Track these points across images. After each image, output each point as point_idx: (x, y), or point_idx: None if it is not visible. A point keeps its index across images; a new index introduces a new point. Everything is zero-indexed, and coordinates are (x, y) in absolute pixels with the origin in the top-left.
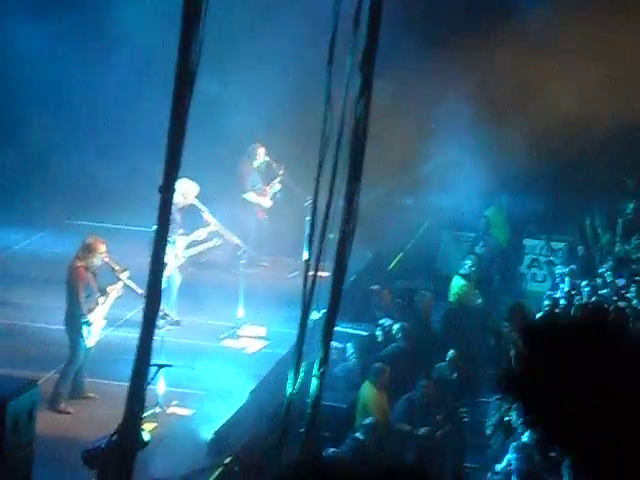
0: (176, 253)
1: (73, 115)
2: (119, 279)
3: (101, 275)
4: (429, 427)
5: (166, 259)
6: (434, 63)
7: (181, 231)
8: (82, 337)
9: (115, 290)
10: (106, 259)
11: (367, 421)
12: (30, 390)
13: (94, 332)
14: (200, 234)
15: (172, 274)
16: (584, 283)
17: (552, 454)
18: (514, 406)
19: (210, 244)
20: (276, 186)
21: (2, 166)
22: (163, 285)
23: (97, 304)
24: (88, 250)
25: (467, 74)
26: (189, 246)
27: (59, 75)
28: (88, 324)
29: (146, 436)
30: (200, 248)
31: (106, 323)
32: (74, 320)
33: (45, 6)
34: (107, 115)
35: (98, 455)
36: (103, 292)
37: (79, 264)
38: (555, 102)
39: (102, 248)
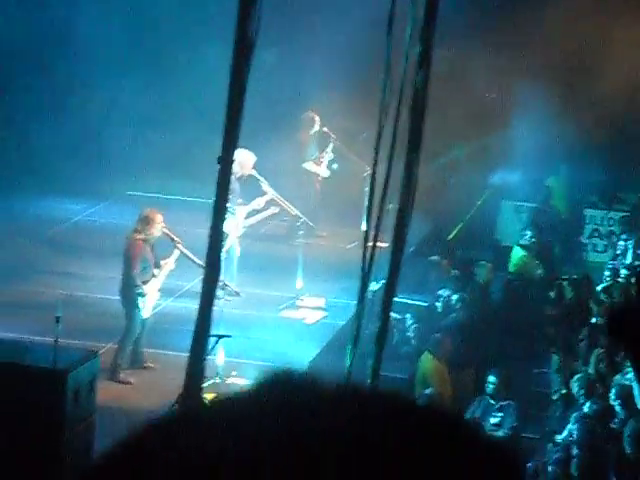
0: (237, 223)
1: (131, 86)
2: (178, 249)
3: (159, 248)
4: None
5: (227, 229)
6: (495, 31)
7: (240, 201)
8: (138, 308)
9: (169, 263)
10: (165, 230)
11: (427, 391)
12: (90, 361)
13: (149, 304)
14: (259, 202)
15: (232, 245)
16: None
17: (613, 425)
18: (576, 377)
19: (269, 212)
20: (329, 154)
21: (60, 137)
22: (223, 256)
23: (153, 276)
24: (146, 222)
25: (529, 41)
26: (249, 215)
27: (123, 47)
28: (142, 295)
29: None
30: (259, 217)
31: (166, 294)
32: (129, 292)
33: None
34: (164, 85)
35: None
36: (158, 265)
37: (137, 237)
38: (620, 68)
39: (159, 219)
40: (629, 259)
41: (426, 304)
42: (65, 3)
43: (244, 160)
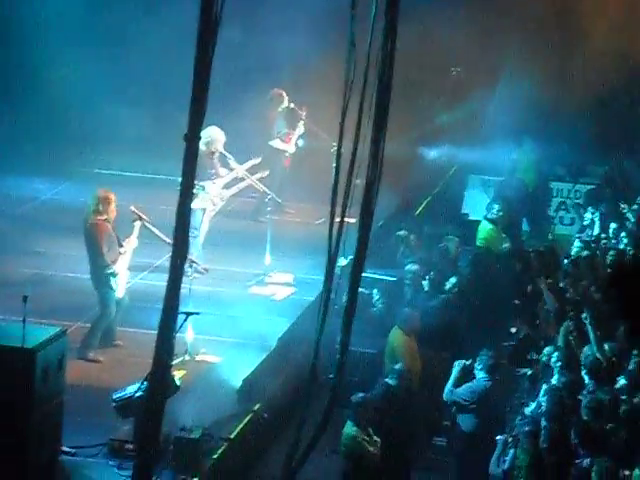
0: (211, 198)
1: (96, 64)
2: (144, 226)
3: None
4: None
5: (203, 205)
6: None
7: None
8: (111, 289)
9: (131, 241)
10: (132, 207)
11: (397, 366)
12: (59, 339)
13: (121, 283)
14: (232, 175)
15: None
16: (613, 225)
17: (580, 397)
18: (548, 349)
19: (245, 183)
20: (300, 129)
21: (26, 116)
22: (197, 233)
23: (119, 254)
24: (106, 202)
25: (495, 14)
26: (227, 187)
27: (82, 23)
28: (115, 275)
29: (177, 381)
30: (235, 189)
31: (134, 271)
32: (100, 273)
33: None
34: (131, 64)
35: (130, 403)
36: (120, 244)
37: (100, 217)
38: (589, 41)
39: (113, 196)
40: (596, 231)
41: (394, 279)
42: None
43: (216, 136)
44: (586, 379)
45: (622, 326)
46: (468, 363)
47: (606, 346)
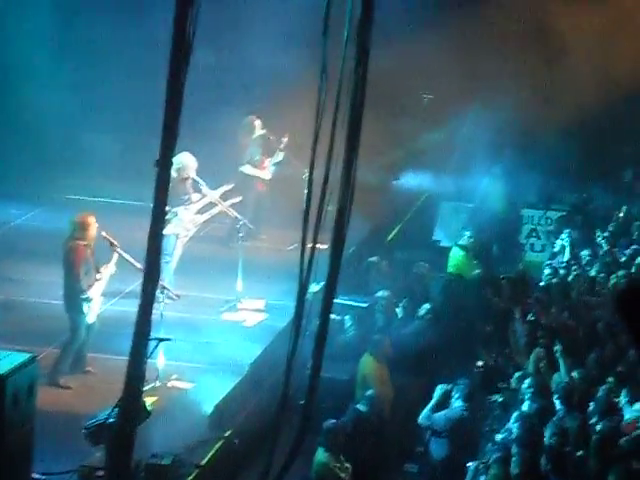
0: (184, 224)
1: (67, 89)
2: (117, 253)
3: (97, 252)
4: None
5: (175, 231)
6: (430, 32)
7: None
8: (83, 314)
9: (109, 267)
10: (104, 233)
11: (368, 393)
12: (30, 365)
13: (93, 308)
14: (205, 200)
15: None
16: (585, 252)
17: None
18: (516, 375)
19: (217, 209)
20: (278, 156)
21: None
22: (169, 259)
23: (95, 280)
24: (83, 227)
25: (470, 40)
26: (200, 212)
27: (53, 49)
28: (88, 300)
29: (149, 407)
30: (207, 215)
31: (106, 297)
32: (74, 298)
33: None
34: (103, 89)
35: (100, 430)
36: (98, 269)
37: (78, 242)
38: (567, 59)
39: (93, 221)
40: (566, 257)
41: (365, 305)
42: None
43: (188, 162)
44: (557, 405)
45: (592, 353)
46: (449, 388)
47: (575, 373)
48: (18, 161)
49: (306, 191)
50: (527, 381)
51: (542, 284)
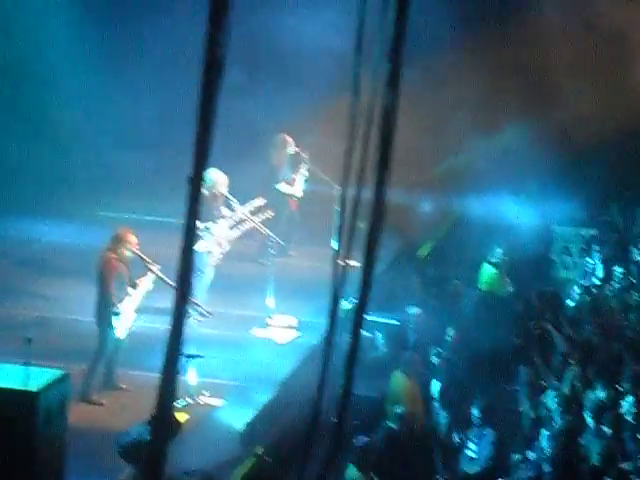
0: (217, 241)
1: (100, 107)
2: (150, 270)
3: (134, 267)
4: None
5: (210, 248)
6: (464, 50)
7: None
8: (111, 328)
9: (145, 283)
10: (137, 251)
11: (398, 410)
12: (62, 382)
13: (124, 323)
14: (236, 217)
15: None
16: (619, 270)
17: (582, 441)
18: (550, 393)
19: (249, 226)
20: (304, 173)
21: (29, 158)
22: (203, 275)
23: (128, 295)
24: (118, 240)
25: (501, 59)
26: (231, 228)
27: (87, 66)
28: (118, 314)
29: (182, 419)
30: (238, 232)
31: (138, 314)
32: (104, 310)
33: None
34: (135, 106)
35: (136, 448)
36: (133, 285)
37: (110, 255)
38: (593, 87)
39: (132, 238)
40: (600, 275)
41: (397, 322)
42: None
43: (219, 180)
44: (590, 422)
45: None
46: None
47: (602, 393)
48: (48, 177)
49: (337, 208)
50: (556, 399)
51: (574, 302)
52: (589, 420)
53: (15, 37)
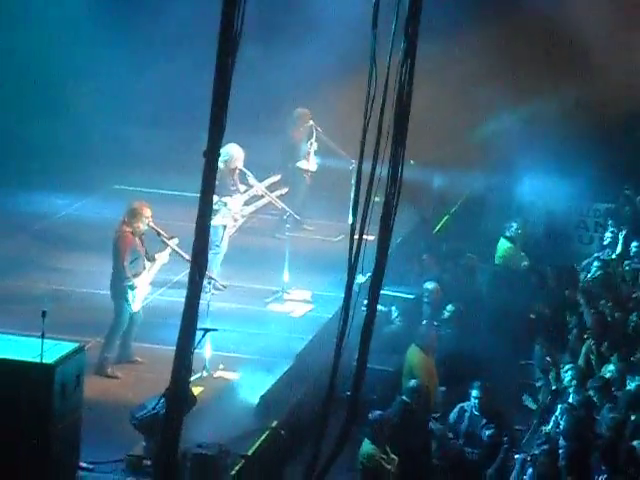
0: (233, 215)
1: (117, 82)
2: (165, 244)
3: (150, 241)
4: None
5: (224, 222)
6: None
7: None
8: (127, 301)
9: (162, 257)
10: (152, 224)
11: (411, 383)
12: (77, 355)
13: (139, 297)
14: (252, 191)
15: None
16: (635, 244)
17: (597, 416)
18: (567, 367)
19: (265, 200)
20: (314, 145)
21: (45, 132)
22: (218, 249)
23: (143, 269)
24: (133, 214)
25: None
26: (246, 204)
27: (103, 43)
28: (132, 288)
29: (196, 392)
30: (253, 207)
31: (153, 287)
32: (119, 284)
33: None
34: (150, 82)
35: (153, 421)
36: (150, 258)
37: (125, 228)
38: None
39: (147, 212)
40: (619, 250)
41: (412, 296)
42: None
43: (235, 154)
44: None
45: None
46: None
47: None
48: (63, 152)
49: (353, 182)
50: (570, 373)
51: (592, 276)
52: (601, 395)
53: (29, 17)
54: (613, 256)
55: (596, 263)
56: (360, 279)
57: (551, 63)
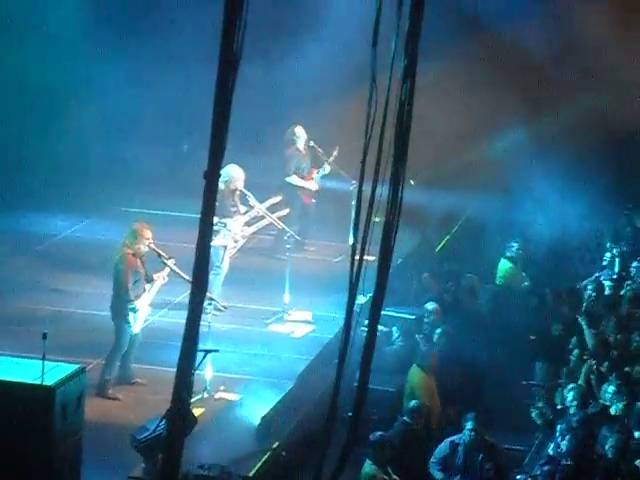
0: (233, 236)
1: (117, 102)
2: (165, 265)
3: (149, 262)
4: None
5: (224, 243)
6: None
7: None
8: (128, 323)
9: (161, 277)
10: (152, 245)
11: (412, 404)
12: (78, 377)
13: (140, 319)
14: (253, 212)
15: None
16: (635, 264)
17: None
18: (569, 387)
19: (266, 221)
20: (325, 169)
21: (45, 154)
22: (219, 270)
23: (144, 290)
24: (134, 236)
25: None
26: (248, 224)
27: (105, 61)
28: (134, 310)
29: (197, 413)
30: (254, 228)
31: (153, 309)
32: (120, 306)
33: None
34: (151, 102)
35: (156, 442)
36: (149, 279)
37: (127, 250)
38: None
39: (148, 234)
40: (617, 269)
41: (413, 317)
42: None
43: (235, 175)
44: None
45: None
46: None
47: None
48: (64, 172)
49: (354, 202)
50: (571, 393)
51: (591, 297)
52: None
53: (30, 35)
54: (614, 276)
55: (590, 286)
56: (361, 300)
57: (557, 78)
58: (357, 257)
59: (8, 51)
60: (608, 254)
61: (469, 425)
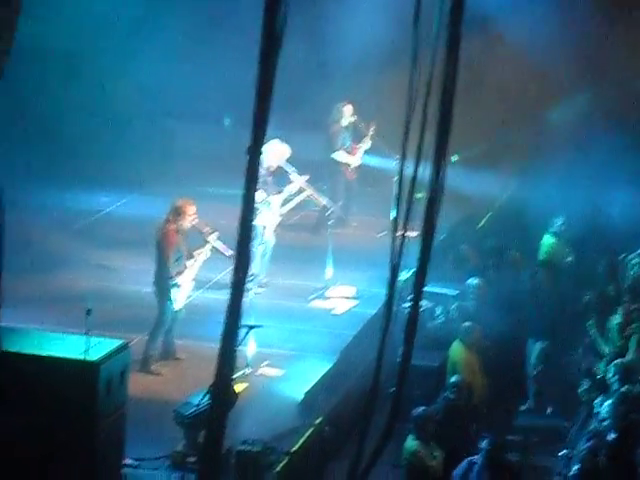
0: (273, 213)
1: (158, 81)
2: (207, 241)
3: (191, 238)
4: None
5: (265, 221)
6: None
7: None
8: (170, 300)
9: (203, 253)
10: (195, 221)
11: (453, 379)
12: (122, 352)
13: (182, 295)
14: (292, 188)
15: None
16: None
17: None
18: (613, 362)
19: (302, 196)
20: (367, 143)
21: (88, 132)
22: (261, 248)
23: (186, 267)
24: (177, 212)
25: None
26: (284, 203)
27: (148, 37)
28: (177, 286)
29: (240, 389)
30: (293, 203)
31: (196, 285)
32: (163, 283)
33: None
34: (196, 75)
35: (194, 418)
36: (191, 255)
37: (169, 227)
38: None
39: (191, 210)
40: None
41: (456, 293)
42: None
43: (280, 152)
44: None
45: None
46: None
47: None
48: (107, 150)
49: (396, 178)
50: (612, 368)
51: (634, 272)
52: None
53: (70, 16)
54: None
55: (637, 259)
56: (403, 275)
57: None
58: (399, 233)
59: (47, 28)
60: None
61: (484, 445)
